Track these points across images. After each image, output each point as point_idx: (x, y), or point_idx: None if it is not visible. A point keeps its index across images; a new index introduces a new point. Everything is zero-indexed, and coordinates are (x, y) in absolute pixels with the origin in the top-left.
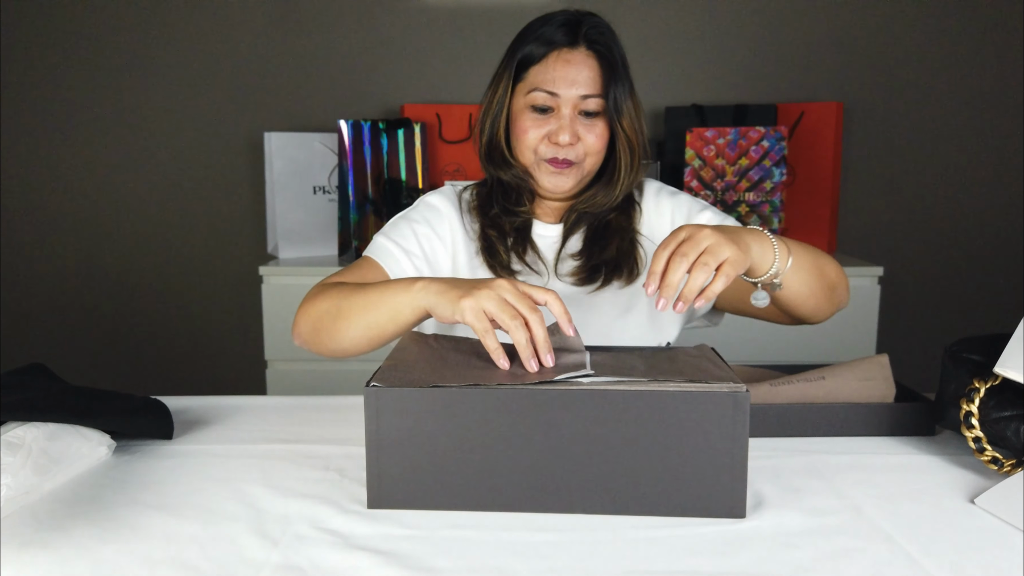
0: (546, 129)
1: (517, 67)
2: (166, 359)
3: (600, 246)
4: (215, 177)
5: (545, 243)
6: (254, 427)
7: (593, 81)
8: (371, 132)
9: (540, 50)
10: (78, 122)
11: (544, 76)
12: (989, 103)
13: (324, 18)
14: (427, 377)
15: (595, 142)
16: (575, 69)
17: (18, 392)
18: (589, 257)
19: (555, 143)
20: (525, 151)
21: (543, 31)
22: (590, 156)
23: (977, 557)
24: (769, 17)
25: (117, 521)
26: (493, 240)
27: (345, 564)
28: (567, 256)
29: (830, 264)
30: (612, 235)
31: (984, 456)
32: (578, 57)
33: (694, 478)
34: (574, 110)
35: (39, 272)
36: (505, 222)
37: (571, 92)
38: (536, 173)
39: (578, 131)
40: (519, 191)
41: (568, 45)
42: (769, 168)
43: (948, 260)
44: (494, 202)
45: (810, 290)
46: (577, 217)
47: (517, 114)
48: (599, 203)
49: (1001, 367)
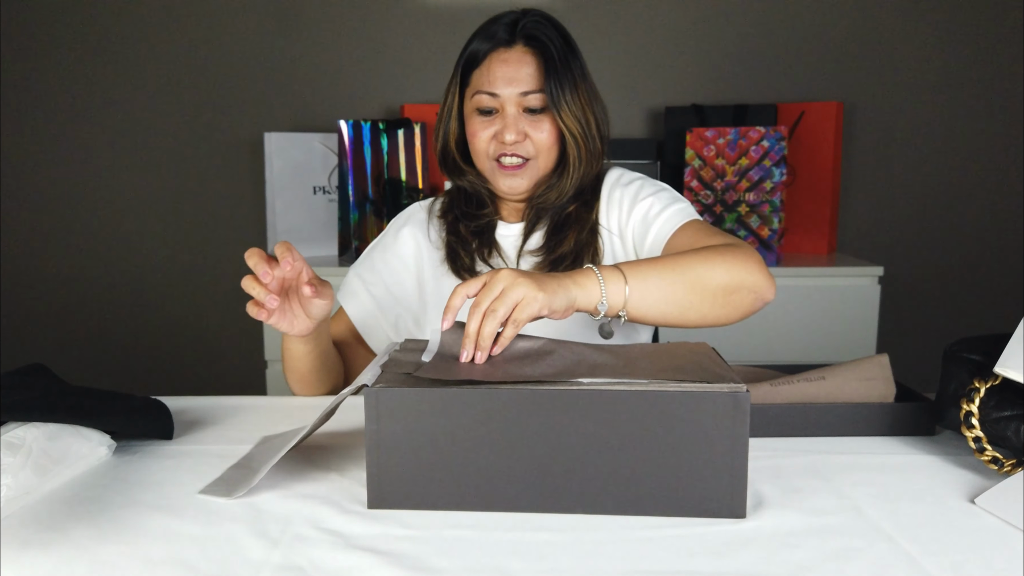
0: (493, 129)
1: (463, 72)
2: (166, 359)
3: (559, 239)
4: (215, 177)
5: (508, 242)
6: (254, 427)
7: (532, 77)
8: (371, 132)
9: (481, 51)
10: (78, 122)
11: (484, 78)
12: (989, 103)
13: (324, 18)
14: (427, 377)
15: (543, 138)
16: (512, 68)
17: (18, 392)
18: (549, 251)
19: (502, 142)
20: (479, 155)
21: (480, 38)
22: (541, 153)
23: (977, 557)
24: (769, 17)
25: (117, 521)
26: (454, 246)
27: (345, 564)
28: (527, 252)
29: (719, 269)
30: (571, 226)
31: (984, 456)
32: (515, 55)
33: (694, 478)
34: (518, 108)
35: (39, 272)
36: (464, 227)
37: (510, 91)
38: (492, 177)
39: (524, 128)
40: (479, 195)
41: (505, 44)
42: (769, 168)
43: (948, 260)
44: (455, 208)
45: (678, 307)
46: (536, 213)
47: (467, 118)
48: (551, 199)
49: (1001, 367)
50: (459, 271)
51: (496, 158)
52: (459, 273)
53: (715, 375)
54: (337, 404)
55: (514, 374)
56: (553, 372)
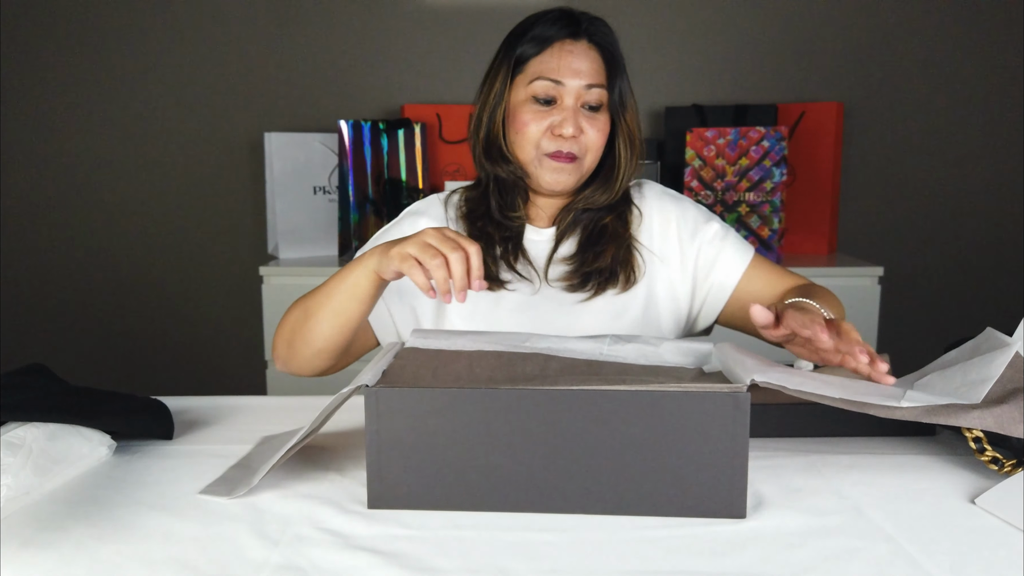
0: (548, 121)
1: (516, 61)
2: (166, 359)
3: (594, 252)
4: (215, 177)
5: (537, 247)
6: (254, 427)
7: (597, 72)
8: (371, 132)
9: (541, 42)
10: (78, 122)
11: (547, 65)
12: (989, 103)
13: (324, 18)
14: (427, 377)
15: (596, 137)
16: (578, 59)
17: (18, 392)
18: (581, 263)
19: (558, 135)
20: (526, 146)
21: (542, 25)
22: (591, 152)
23: (977, 557)
24: (769, 17)
25: (117, 521)
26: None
27: (345, 564)
28: (559, 260)
29: (840, 307)
30: (608, 242)
31: (984, 456)
32: (580, 48)
33: (694, 478)
34: (577, 101)
35: (39, 272)
36: (495, 231)
37: (575, 82)
38: (536, 169)
39: (581, 124)
40: (515, 190)
41: (571, 36)
42: (769, 168)
43: (948, 260)
44: (488, 204)
45: None
46: (573, 220)
47: (516, 108)
48: (598, 201)
49: None
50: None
51: (548, 153)
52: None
53: (719, 377)
54: (338, 405)
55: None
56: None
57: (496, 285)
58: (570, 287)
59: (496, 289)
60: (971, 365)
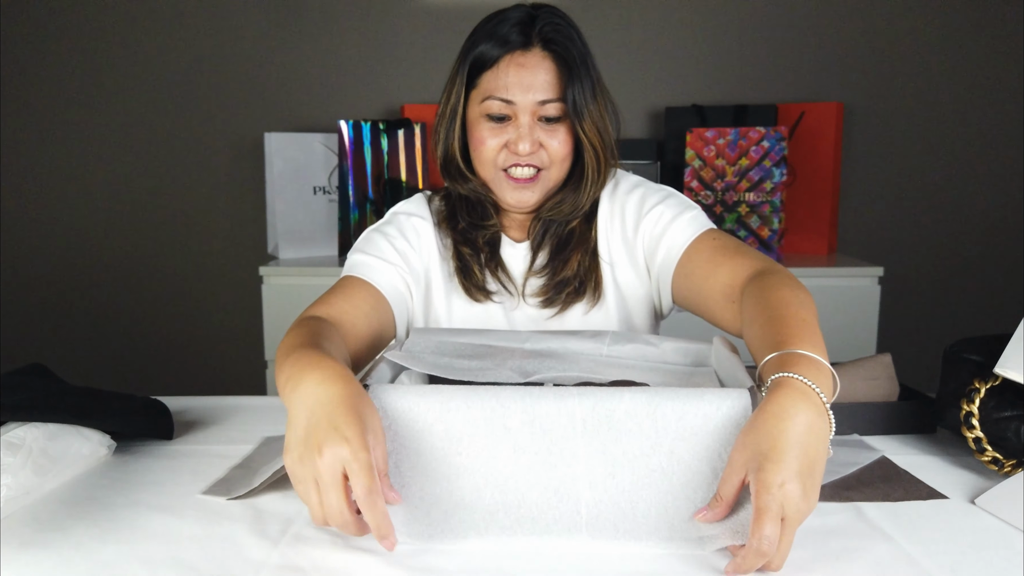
0: (504, 138)
1: (469, 72)
2: (166, 359)
3: (562, 260)
4: (216, 177)
5: (514, 262)
6: (254, 427)
7: (551, 84)
8: (371, 132)
9: (493, 53)
10: (78, 123)
11: (497, 83)
12: (989, 103)
13: (324, 19)
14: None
15: (558, 148)
16: (530, 73)
17: (18, 392)
18: (552, 273)
19: (515, 152)
20: (485, 164)
21: (496, 30)
22: (555, 164)
23: (977, 557)
24: (769, 17)
25: (117, 521)
26: (468, 259)
27: (345, 564)
28: (533, 275)
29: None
30: (574, 247)
31: (984, 456)
32: (533, 60)
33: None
34: (533, 117)
35: (39, 272)
36: (477, 236)
37: (527, 98)
38: (497, 188)
39: (539, 138)
40: (483, 204)
41: (521, 47)
42: (769, 168)
43: (948, 260)
44: (460, 215)
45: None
46: (543, 228)
47: (472, 123)
48: (564, 212)
49: (1001, 367)
50: (471, 289)
51: (505, 168)
52: (470, 291)
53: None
54: None
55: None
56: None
57: (483, 295)
58: (544, 302)
59: (483, 300)
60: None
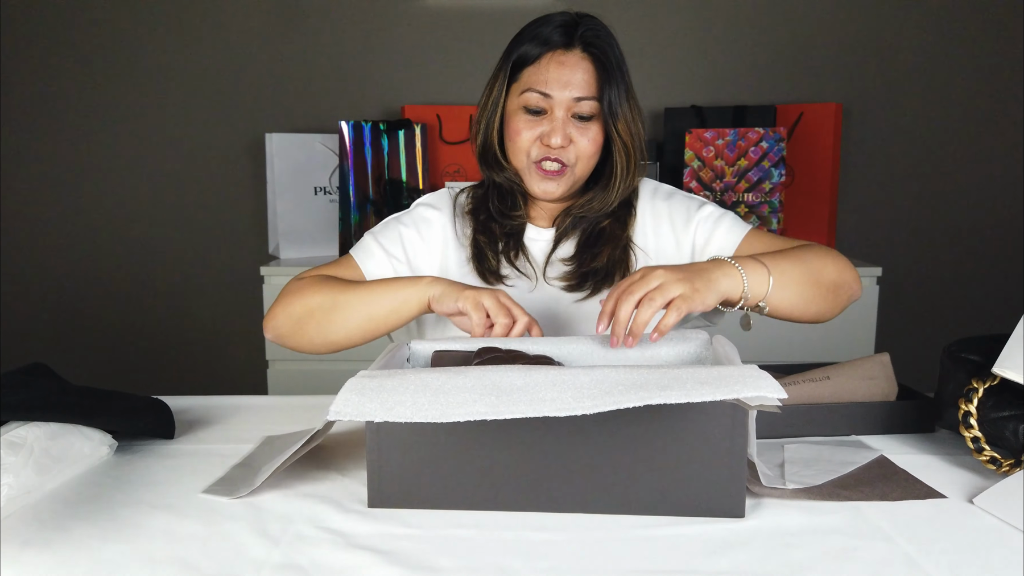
0: (538, 131)
1: (512, 68)
2: (167, 359)
3: (592, 254)
4: (217, 178)
5: (537, 246)
6: (255, 426)
7: (587, 84)
8: (372, 133)
9: (535, 51)
10: (79, 123)
11: (538, 77)
12: (989, 103)
13: (325, 19)
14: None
15: (588, 146)
16: (569, 71)
17: (20, 392)
18: (580, 264)
19: (547, 145)
20: (517, 153)
21: (540, 31)
22: (581, 160)
23: (976, 557)
24: (769, 17)
25: (118, 520)
26: (483, 246)
27: (345, 563)
28: (557, 260)
29: (828, 265)
30: (605, 243)
31: (983, 456)
32: (572, 59)
33: (694, 478)
34: (567, 112)
35: (40, 272)
36: (496, 227)
37: (564, 94)
38: (527, 177)
39: (571, 134)
40: (513, 193)
41: (563, 47)
42: (768, 169)
43: (948, 260)
44: (489, 205)
45: (804, 300)
46: (572, 221)
47: (510, 115)
48: (595, 208)
49: (1000, 367)
50: (484, 273)
51: (536, 160)
52: (484, 275)
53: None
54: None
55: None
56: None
57: (495, 279)
58: (568, 287)
59: (494, 283)
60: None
